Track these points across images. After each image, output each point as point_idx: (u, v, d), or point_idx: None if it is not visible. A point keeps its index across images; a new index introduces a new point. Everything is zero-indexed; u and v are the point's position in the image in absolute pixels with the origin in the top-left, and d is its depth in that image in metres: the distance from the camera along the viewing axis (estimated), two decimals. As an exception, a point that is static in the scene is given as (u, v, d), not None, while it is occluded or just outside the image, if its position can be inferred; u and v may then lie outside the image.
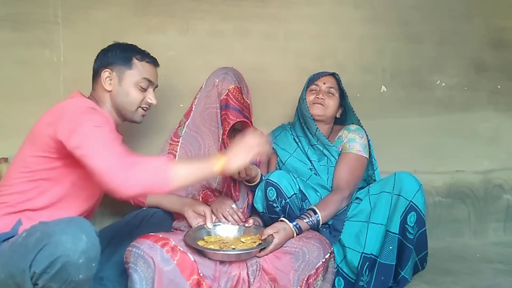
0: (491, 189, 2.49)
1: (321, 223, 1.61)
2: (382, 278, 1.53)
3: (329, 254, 1.45)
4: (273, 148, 1.94)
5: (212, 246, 1.41)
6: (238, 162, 1.24)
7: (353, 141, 1.82)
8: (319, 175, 1.82)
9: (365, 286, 1.54)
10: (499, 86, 2.58)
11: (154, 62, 1.54)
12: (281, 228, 1.51)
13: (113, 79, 1.44)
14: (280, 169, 1.88)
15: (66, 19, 2.03)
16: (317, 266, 1.41)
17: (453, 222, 2.43)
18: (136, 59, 1.47)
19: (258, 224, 1.69)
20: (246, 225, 1.62)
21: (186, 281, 1.28)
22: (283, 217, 1.59)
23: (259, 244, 1.48)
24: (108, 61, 1.45)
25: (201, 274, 1.31)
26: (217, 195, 1.76)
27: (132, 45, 1.52)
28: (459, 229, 2.44)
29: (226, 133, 1.71)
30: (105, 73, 1.43)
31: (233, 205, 1.65)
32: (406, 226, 1.54)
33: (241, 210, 1.67)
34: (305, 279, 1.38)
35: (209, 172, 1.23)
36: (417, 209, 1.54)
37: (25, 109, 1.90)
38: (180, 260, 1.29)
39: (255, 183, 1.70)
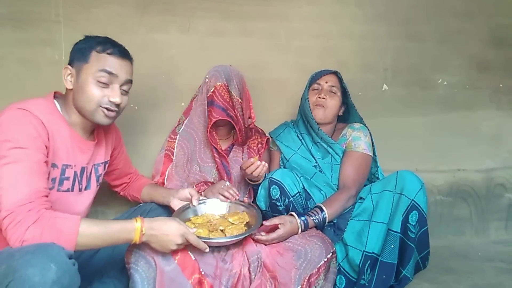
0: (493, 187, 2.48)
1: (327, 221, 1.61)
2: (384, 276, 1.53)
3: (331, 254, 1.44)
4: (276, 144, 1.94)
5: (200, 231, 1.39)
6: (156, 245, 1.23)
7: (358, 139, 1.82)
8: (323, 173, 1.82)
9: (367, 284, 1.54)
10: (501, 85, 2.57)
11: (119, 53, 1.33)
12: (288, 221, 1.51)
13: (73, 76, 1.31)
14: (284, 166, 1.89)
15: (68, 18, 2.03)
16: (319, 265, 1.40)
17: (454, 220, 2.42)
18: (96, 51, 1.30)
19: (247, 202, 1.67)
20: (237, 197, 1.62)
21: (188, 280, 1.28)
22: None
23: (247, 223, 1.49)
24: (71, 56, 1.34)
25: (203, 273, 1.31)
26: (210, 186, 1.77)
27: (99, 37, 1.35)
28: (461, 227, 2.43)
29: (208, 129, 1.75)
30: (66, 70, 1.32)
31: (227, 183, 1.67)
32: (408, 225, 1.54)
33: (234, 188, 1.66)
34: (307, 278, 1.37)
35: (126, 238, 1.18)
36: (419, 208, 1.54)
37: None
38: (181, 259, 1.29)
39: (259, 182, 1.70)
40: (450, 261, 2.05)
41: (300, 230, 1.53)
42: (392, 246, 1.53)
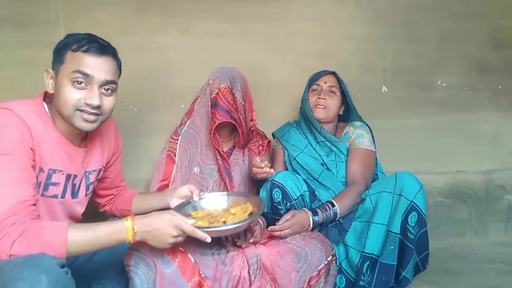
0: (493, 189, 2.48)
1: (338, 215, 1.61)
2: (383, 278, 1.53)
3: (331, 257, 1.45)
4: (280, 143, 1.94)
5: (200, 223, 1.32)
6: (152, 242, 1.18)
7: (361, 136, 1.84)
8: (330, 170, 1.83)
9: (366, 286, 1.54)
10: (500, 86, 2.57)
11: (95, 49, 1.19)
12: (297, 212, 1.53)
13: (52, 79, 1.23)
14: (291, 164, 1.88)
15: (67, 20, 2.03)
16: (319, 268, 1.40)
17: (454, 222, 2.42)
18: (72, 50, 1.19)
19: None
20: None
21: (188, 282, 1.27)
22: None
23: (250, 213, 1.42)
24: (52, 59, 1.25)
25: (202, 275, 1.31)
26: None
27: (78, 34, 1.23)
28: (461, 229, 2.43)
29: (211, 131, 1.74)
30: (47, 74, 1.23)
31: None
32: (407, 226, 1.53)
33: None
34: (307, 280, 1.37)
35: (119, 239, 1.12)
36: (418, 209, 1.54)
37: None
38: (181, 261, 1.29)
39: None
40: (449, 262, 2.05)
41: (311, 223, 1.54)
42: (392, 247, 1.52)
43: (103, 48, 1.22)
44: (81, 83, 1.18)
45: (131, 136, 2.06)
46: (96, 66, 1.19)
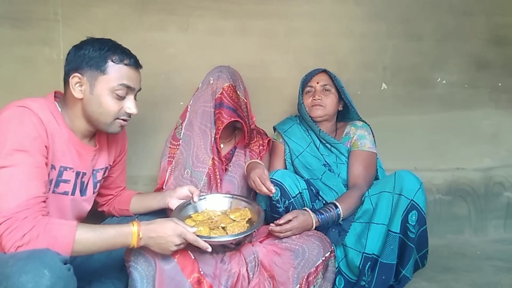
0: (492, 186, 2.48)
1: (341, 217, 1.61)
2: (383, 277, 1.53)
3: (329, 253, 1.45)
4: (281, 137, 1.93)
5: (201, 229, 1.36)
6: (155, 248, 1.22)
7: (363, 138, 1.82)
8: (333, 171, 1.82)
9: (367, 286, 1.54)
10: (500, 83, 2.57)
11: (135, 63, 1.30)
12: (300, 213, 1.52)
13: (84, 85, 1.25)
14: (292, 161, 1.87)
15: (66, 17, 2.03)
16: (317, 264, 1.41)
17: (453, 219, 2.43)
18: (112, 61, 1.25)
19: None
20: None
21: (187, 279, 1.28)
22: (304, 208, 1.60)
23: (249, 219, 1.46)
24: (79, 63, 1.25)
25: (202, 272, 1.31)
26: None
27: (108, 41, 1.29)
28: (460, 226, 2.44)
29: (219, 132, 1.70)
30: (74, 79, 1.24)
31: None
32: (408, 225, 1.53)
33: None
34: (305, 277, 1.38)
35: (123, 243, 1.17)
36: (418, 207, 1.53)
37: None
38: (181, 258, 1.30)
39: None
40: (449, 259, 2.05)
41: (314, 224, 1.53)
42: (392, 247, 1.52)
43: (138, 62, 1.33)
44: (121, 95, 1.28)
45: (130, 134, 2.04)
46: (136, 79, 1.32)
